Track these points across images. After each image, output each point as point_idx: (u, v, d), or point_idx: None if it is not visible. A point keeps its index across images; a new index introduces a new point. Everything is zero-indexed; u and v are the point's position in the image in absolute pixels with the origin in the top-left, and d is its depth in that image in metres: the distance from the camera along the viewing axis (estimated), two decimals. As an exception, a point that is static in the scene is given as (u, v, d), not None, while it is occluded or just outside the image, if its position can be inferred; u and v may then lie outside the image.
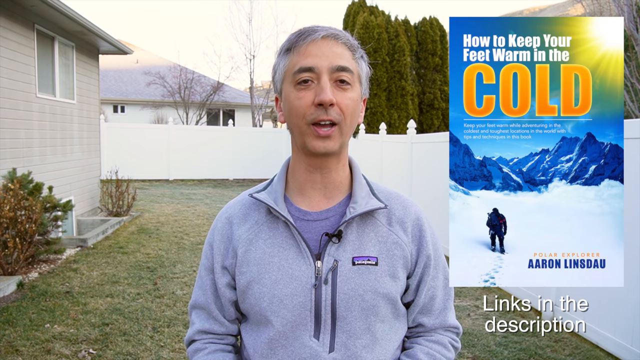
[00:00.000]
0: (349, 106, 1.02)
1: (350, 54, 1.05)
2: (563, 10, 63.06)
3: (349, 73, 1.03)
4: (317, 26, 1.05)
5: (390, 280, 1.05)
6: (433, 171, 6.95)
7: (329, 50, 1.02)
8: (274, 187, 1.11)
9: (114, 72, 25.26)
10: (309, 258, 1.03)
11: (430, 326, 1.12)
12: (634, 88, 8.93)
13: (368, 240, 1.06)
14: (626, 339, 3.43)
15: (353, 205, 1.06)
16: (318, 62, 1.01)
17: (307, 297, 1.02)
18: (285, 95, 1.05)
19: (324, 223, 1.06)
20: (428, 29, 14.36)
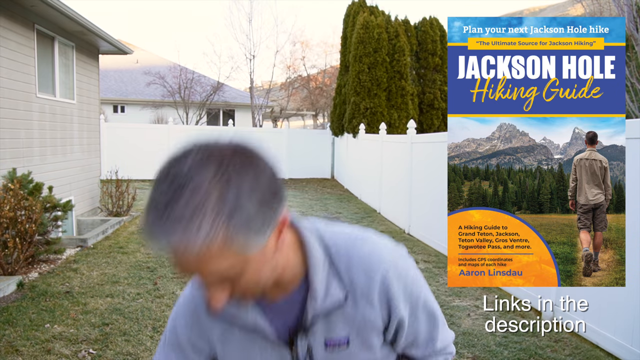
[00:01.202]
0: (247, 285, 0.85)
1: (217, 249, 0.76)
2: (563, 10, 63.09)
3: (226, 273, 0.80)
4: (157, 220, 0.75)
5: (365, 352, 1.04)
6: (433, 171, 6.95)
7: (185, 264, 0.78)
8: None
9: (114, 72, 25.26)
10: (283, 348, 1.02)
11: (420, 356, 1.13)
12: (634, 88, 8.93)
13: (336, 322, 1.01)
14: (626, 339, 3.43)
15: (312, 302, 0.98)
16: (185, 274, 0.81)
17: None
18: None
19: (290, 306, 1.01)
20: (428, 29, 14.37)
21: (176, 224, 0.73)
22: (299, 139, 17.05)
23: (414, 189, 7.85)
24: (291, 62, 27.43)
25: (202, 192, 0.75)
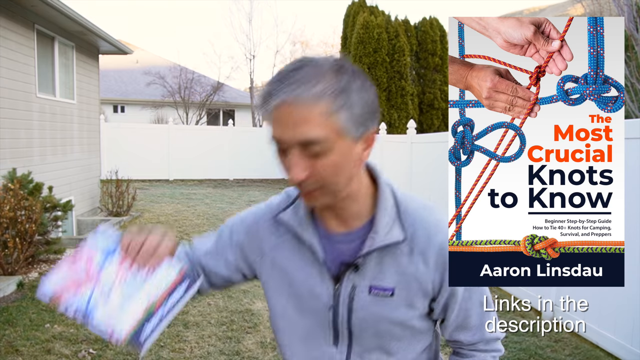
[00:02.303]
0: (327, 172, 0.91)
1: (320, 111, 0.88)
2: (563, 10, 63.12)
3: (316, 145, 0.88)
4: (281, 80, 0.89)
5: (406, 309, 1.04)
6: (433, 171, 6.95)
7: (291, 121, 0.88)
8: (302, 205, 1.06)
9: (114, 72, 25.27)
10: (329, 280, 1.04)
11: (468, 342, 1.13)
12: (634, 88, 8.94)
13: (387, 269, 1.03)
14: (626, 339, 3.43)
15: (373, 236, 1.01)
16: (282, 135, 0.90)
17: (325, 316, 1.05)
18: None
19: (347, 246, 1.04)
20: (428, 29, 14.37)
21: (295, 82, 0.87)
22: (299, 139, 17.01)
23: (414, 189, 7.85)
24: (291, 62, 27.39)
25: (322, 70, 0.89)
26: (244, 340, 3.95)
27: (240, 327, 4.19)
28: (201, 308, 4.61)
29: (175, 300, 1.01)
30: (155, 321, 0.99)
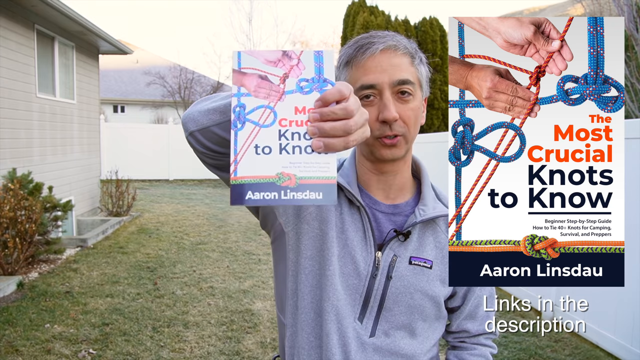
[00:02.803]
0: (411, 117, 1.04)
1: (409, 61, 1.05)
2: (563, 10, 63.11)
3: (409, 85, 1.03)
4: (374, 36, 1.05)
5: (440, 284, 1.08)
6: (433, 171, 6.94)
7: (388, 64, 1.02)
8: (346, 172, 1.13)
9: (114, 72, 25.27)
10: (372, 247, 1.06)
11: (474, 332, 1.18)
12: (634, 88, 8.94)
13: (427, 243, 1.09)
14: (626, 339, 3.43)
15: (422, 208, 1.09)
16: (379, 78, 1.01)
17: (362, 282, 1.05)
18: None
19: (391, 217, 1.10)
20: (428, 29, 14.37)
21: (388, 37, 1.05)
22: (299, 139, 17.01)
23: (414, 189, 7.84)
24: (291, 62, 27.38)
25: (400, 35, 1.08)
26: (244, 340, 3.96)
27: (240, 327, 4.19)
28: (201, 308, 4.61)
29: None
30: (271, 193, 0.74)
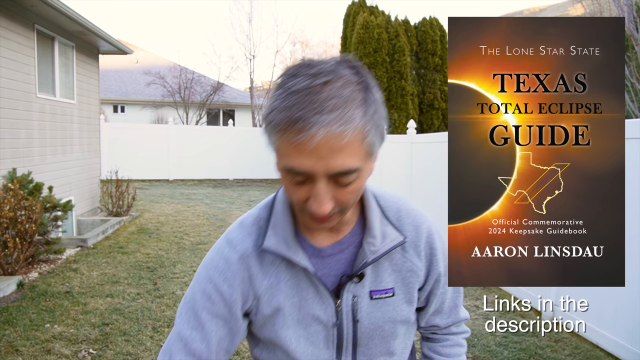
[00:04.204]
0: (350, 199, 0.87)
1: (359, 140, 0.81)
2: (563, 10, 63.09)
3: (352, 174, 0.82)
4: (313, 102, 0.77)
5: (407, 306, 1.05)
6: (433, 171, 6.95)
7: (328, 151, 0.78)
8: (280, 223, 0.99)
9: (114, 72, 25.26)
10: (327, 298, 1.00)
11: (444, 325, 1.16)
12: (634, 88, 8.93)
13: (384, 271, 1.02)
14: (626, 339, 3.43)
15: (371, 241, 0.98)
16: (312, 167, 0.80)
17: (330, 333, 1.02)
18: (278, 168, 0.89)
19: (338, 257, 1.01)
20: (428, 29, 14.37)
21: (327, 108, 0.76)
22: (299, 139, 16.99)
23: (414, 189, 7.84)
24: (291, 62, 27.37)
25: (351, 87, 0.80)
26: (244, 340, 3.95)
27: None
28: (201, 308, 4.60)
29: None
30: None
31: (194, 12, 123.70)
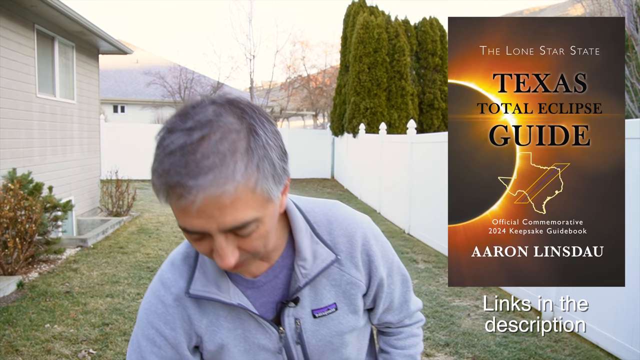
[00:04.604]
0: (258, 245, 0.83)
1: (247, 192, 0.75)
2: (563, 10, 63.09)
3: (248, 226, 0.78)
4: (186, 169, 0.72)
5: (352, 316, 1.04)
6: (433, 171, 6.95)
7: (215, 211, 0.74)
8: (209, 264, 0.96)
9: (114, 72, 25.26)
10: (269, 327, 0.99)
11: (396, 320, 1.16)
12: (634, 88, 8.93)
13: (322, 288, 1.00)
14: (626, 339, 3.43)
15: (302, 264, 0.96)
16: (205, 226, 0.76)
17: (280, 357, 1.02)
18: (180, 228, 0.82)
19: (273, 283, 0.99)
20: (428, 29, 14.37)
21: (209, 167, 0.72)
22: (299, 139, 17.05)
23: (414, 189, 7.84)
24: (291, 62, 27.42)
25: (232, 138, 0.74)
26: None
27: None
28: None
29: None
30: None
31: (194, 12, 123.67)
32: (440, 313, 4.39)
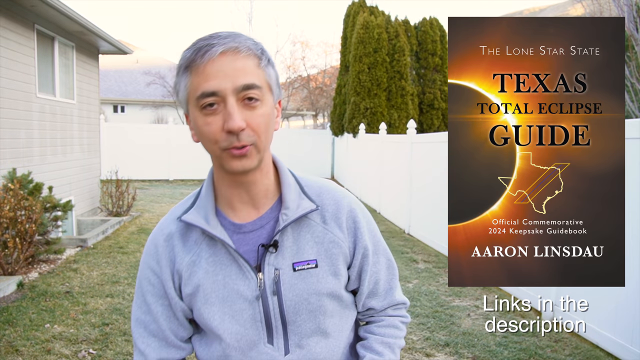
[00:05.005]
0: (261, 124, 0.97)
1: (255, 63, 0.97)
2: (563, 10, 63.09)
3: (256, 89, 0.96)
4: (214, 37, 0.96)
5: (332, 279, 1.07)
6: (433, 171, 6.95)
7: (231, 68, 0.94)
8: (202, 202, 1.08)
9: (114, 72, 25.27)
10: (249, 272, 1.04)
11: (380, 307, 1.17)
12: (634, 88, 8.93)
13: (305, 243, 1.06)
14: (626, 339, 3.43)
15: (285, 212, 1.04)
16: (221, 84, 0.94)
17: (256, 309, 1.04)
18: (192, 118, 0.99)
19: (259, 232, 1.05)
20: (428, 29, 14.37)
21: (229, 37, 0.96)
22: (299, 139, 17.05)
23: (414, 189, 7.84)
24: (291, 62, 27.43)
25: (249, 42, 0.99)
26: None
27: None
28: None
29: None
30: None
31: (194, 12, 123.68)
32: (440, 313, 4.39)
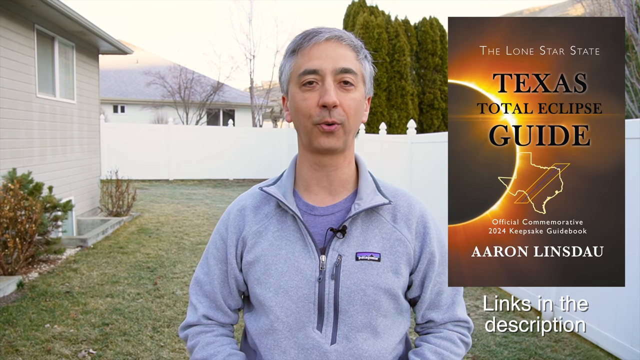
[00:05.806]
0: (351, 107, 1.05)
1: (354, 54, 1.08)
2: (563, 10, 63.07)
3: (352, 74, 1.05)
4: (321, 28, 1.08)
5: (392, 276, 1.07)
6: (433, 171, 6.95)
7: (333, 52, 1.05)
8: (283, 182, 1.15)
9: (114, 72, 25.26)
10: (314, 252, 1.07)
11: (440, 321, 1.15)
12: (634, 88, 8.93)
13: (372, 237, 1.09)
14: (626, 339, 3.43)
15: (358, 202, 1.09)
16: (322, 64, 1.04)
17: (311, 290, 1.06)
18: (291, 95, 1.08)
19: (329, 218, 1.10)
20: (428, 29, 14.37)
21: (336, 29, 1.08)
22: (299, 139, 16.98)
23: (414, 189, 7.84)
24: (291, 62, 27.37)
25: (348, 32, 1.10)
26: (244, 340, 3.95)
27: (240, 327, 4.19)
28: (201, 308, 4.60)
29: None
30: None
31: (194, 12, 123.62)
32: (440, 313, 4.40)
